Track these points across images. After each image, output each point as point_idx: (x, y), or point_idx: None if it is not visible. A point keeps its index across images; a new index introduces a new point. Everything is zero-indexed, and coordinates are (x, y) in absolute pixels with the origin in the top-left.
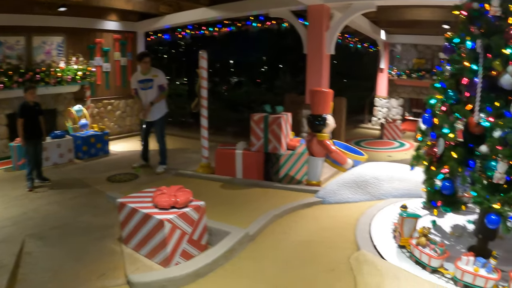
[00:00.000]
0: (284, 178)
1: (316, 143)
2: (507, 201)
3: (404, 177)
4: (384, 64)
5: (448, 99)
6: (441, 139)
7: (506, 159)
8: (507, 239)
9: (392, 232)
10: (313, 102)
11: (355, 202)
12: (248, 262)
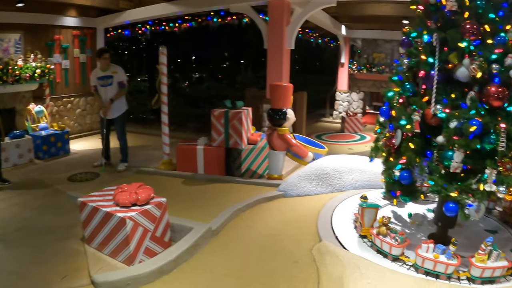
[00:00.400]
0: (246, 172)
1: (276, 137)
2: (464, 190)
3: (364, 168)
4: (344, 59)
5: (405, 91)
6: (399, 131)
7: (462, 148)
8: (466, 226)
9: (353, 222)
10: (273, 97)
11: (316, 195)
12: (212, 257)
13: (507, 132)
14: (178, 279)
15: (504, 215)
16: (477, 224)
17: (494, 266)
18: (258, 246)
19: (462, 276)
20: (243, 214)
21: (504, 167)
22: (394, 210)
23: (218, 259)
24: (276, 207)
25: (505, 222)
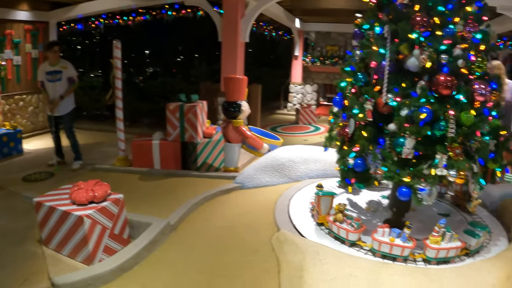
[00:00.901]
0: (202, 166)
1: (231, 129)
2: (417, 175)
3: (319, 158)
4: (298, 52)
5: (358, 81)
6: (352, 120)
7: (413, 135)
8: (420, 211)
9: (310, 211)
10: (228, 89)
11: (273, 185)
12: (171, 252)
13: (456, 119)
14: (139, 276)
15: (456, 199)
16: (430, 209)
17: (448, 247)
18: (217, 239)
19: (418, 258)
20: (201, 207)
21: (454, 152)
22: (350, 198)
23: (178, 254)
24: (234, 199)
25: (457, 206)
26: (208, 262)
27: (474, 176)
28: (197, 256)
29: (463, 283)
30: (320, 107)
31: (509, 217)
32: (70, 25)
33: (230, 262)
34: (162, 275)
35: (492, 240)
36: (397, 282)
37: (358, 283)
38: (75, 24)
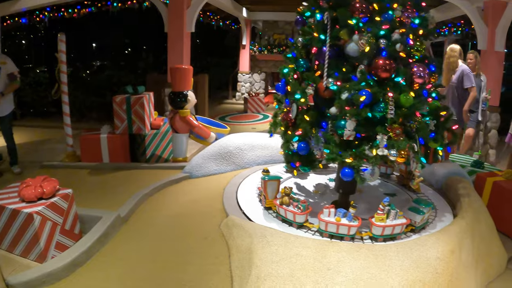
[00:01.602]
0: (151, 158)
1: (178, 119)
2: (359, 155)
3: (265, 145)
4: (246, 41)
5: (299, 67)
6: (294, 105)
7: (354, 117)
8: (367, 192)
9: (258, 196)
10: (174, 80)
11: (221, 173)
12: (124, 244)
13: (395, 101)
14: (92, 270)
15: (401, 179)
16: (377, 189)
17: (393, 224)
18: (168, 228)
19: (365, 236)
20: (151, 198)
21: (394, 132)
22: (298, 182)
23: (130, 246)
24: (183, 189)
25: (402, 185)
26: (159, 251)
27: (415, 155)
28: (149, 246)
29: (408, 257)
30: (268, 96)
31: (453, 194)
32: (14, 19)
33: (181, 250)
34: (116, 267)
35: (437, 217)
36: (344, 259)
37: (305, 262)
38: (19, 18)
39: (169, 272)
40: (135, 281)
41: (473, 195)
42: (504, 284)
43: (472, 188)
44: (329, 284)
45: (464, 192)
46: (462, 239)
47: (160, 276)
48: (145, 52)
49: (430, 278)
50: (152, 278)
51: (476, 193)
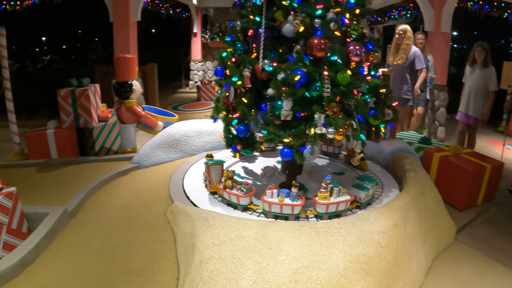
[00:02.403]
0: (100, 151)
1: (124, 110)
2: (297, 135)
3: (212, 130)
4: (197, 29)
5: (237, 50)
6: (232, 88)
7: (290, 97)
8: (315, 172)
9: (204, 181)
10: (118, 69)
11: (169, 162)
12: (72, 239)
13: (332, 79)
14: (42, 268)
15: (349, 158)
16: (325, 169)
17: (337, 201)
18: (115, 219)
19: (310, 214)
20: (99, 191)
21: (331, 110)
22: (246, 166)
23: (79, 240)
24: (131, 179)
25: (350, 164)
26: (108, 243)
27: (354, 132)
28: (98, 239)
29: (351, 232)
30: None
31: (400, 170)
32: None
33: (129, 239)
34: (66, 263)
35: (384, 192)
36: (285, 237)
37: (246, 243)
38: None
39: (117, 264)
40: (84, 275)
41: (419, 170)
42: (453, 255)
43: (419, 164)
44: (270, 263)
45: (410, 167)
46: (407, 213)
47: (108, 268)
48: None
49: (374, 252)
50: (100, 271)
51: (422, 168)
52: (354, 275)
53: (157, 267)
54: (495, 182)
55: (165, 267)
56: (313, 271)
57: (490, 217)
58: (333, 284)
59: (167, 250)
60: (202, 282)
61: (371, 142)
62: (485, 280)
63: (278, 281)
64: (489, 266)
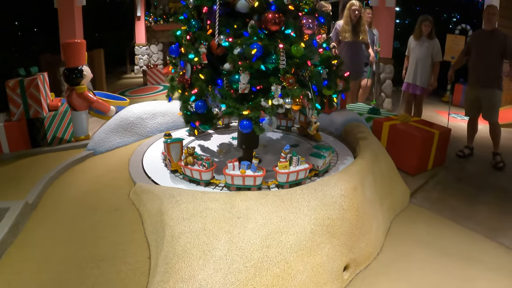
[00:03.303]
0: (53, 141)
1: (76, 96)
2: (255, 107)
3: (166, 111)
4: (140, 12)
5: (191, 27)
6: (188, 65)
7: (247, 70)
8: (271, 146)
9: (163, 161)
10: (67, 56)
11: (125, 145)
12: (36, 231)
13: (286, 52)
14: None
15: (302, 130)
16: (280, 142)
17: (296, 169)
18: (78, 206)
19: (271, 184)
20: (57, 181)
21: (288, 82)
22: (201, 144)
23: (43, 231)
24: (88, 166)
25: (304, 136)
26: (74, 230)
27: (310, 102)
28: (62, 228)
29: (314, 197)
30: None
31: (352, 139)
32: None
33: (95, 225)
34: (32, 256)
35: (339, 160)
36: (252, 206)
37: (215, 214)
38: None
39: (85, 250)
40: (53, 265)
41: (371, 138)
42: (409, 217)
43: (370, 132)
44: (241, 232)
45: (362, 135)
46: (363, 177)
47: (77, 255)
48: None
49: (338, 214)
50: (69, 259)
51: (374, 136)
52: (321, 237)
53: (127, 249)
54: (443, 147)
55: (135, 248)
56: (282, 236)
57: (441, 180)
58: (302, 247)
59: (135, 231)
60: (176, 256)
61: (323, 114)
62: (441, 237)
63: (251, 248)
64: (443, 225)
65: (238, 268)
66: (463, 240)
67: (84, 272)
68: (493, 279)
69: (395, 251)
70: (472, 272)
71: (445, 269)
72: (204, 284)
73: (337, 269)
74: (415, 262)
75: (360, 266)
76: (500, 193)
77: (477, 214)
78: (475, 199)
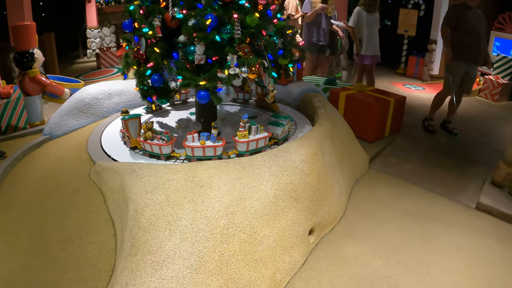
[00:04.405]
0: (7, 129)
1: (28, 81)
2: (212, 78)
3: (122, 90)
4: None
5: (144, 1)
6: (143, 39)
7: (202, 41)
8: (229, 119)
9: (122, 139)
10: (17, 39)
11: (82, 127)
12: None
13: (241, 21)
14: None
15: (259, 102)
16: (238, 115)
17: (256, 138)
18: (38, 191)
19: (232, 154)
20: (14, 169)
21: (243, 51)
22: (160, 120)
23: (4, 220)
24: (45, 151)
25: (262, 107)
26: (35, 215)
27: (266, 71)
28: (24, 216)
29: (275, 163)
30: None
31: (310, 108)
32: None
33: (56, 208)
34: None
35: (298, 129)
36: (214, 174)
37: (178, 185)
38: None
39: (49, 234)
40: (18, 253)
41: (328, 106)
42: (370, 181)
43: (327, 101)
44: (205, 200)
45: (320, 104)
46: (323, 143)
47: (41, 240)
48: None
49: (299, 179)
50: (33, 246)
51: (331, 105)
52: (284, 202)
53: (91, 229)
54: (399, 115)
55: (100, 227)
56: (246, 202)
57: (398, 146)
58: (267, 212)
59: (98, 210)
60: (141, 230)
61: (280, 86)
62: (401, 199)
63: (215, 215)
64: (403, 187)
65: (205, 236)
66: (423, 200)
67: (50, 256)
68: (453, 235)
69: (358, 213)
70: (433, 230)
71: (408, 228)
72: (171, 254)
73: (302, 233)
74: (378, 223)
75: (325, 229)
76: (456, 156)
77: (434, 176)
78: (432, 163)
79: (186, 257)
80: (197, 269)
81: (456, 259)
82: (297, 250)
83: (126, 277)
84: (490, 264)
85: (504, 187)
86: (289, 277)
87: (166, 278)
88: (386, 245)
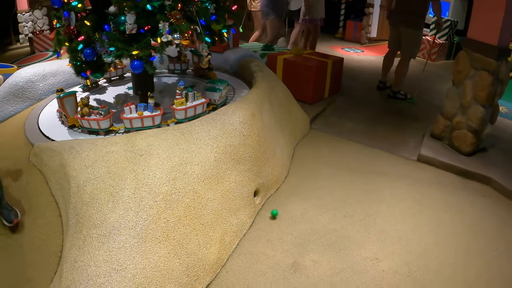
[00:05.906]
0: None
1: None
2: (144, 47)
3: (56, 70)
4: None
5: None
6: (72, 13)
7: (132, 10)
8: (169, 90)
9: (59, 119)
10: None
11: (19, 112)
12: None
13: None
14: None
15: (197, 71)
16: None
17: (193, 105)
18: None
19: (170, 122)
20: None
21: (175, 18)
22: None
23: None
24: None
25: (199, 76)
26: None
27: (199, 36)
28: None
29: (213, 126)
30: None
31: (248, 73)
32: None
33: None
34: None
35: (236, 94)
36: (152, 142)
37: (118, 156)
38: None
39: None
40: None
41: (266, 70)
42: (312, 141)
43: (265, 66)
44: (145, 168)
45: (257, 69)
46: (261, 105)
47: None
48: None
49: (239, 140)
50: None
51: (269, 69)
52: (226, 164)
53: (36, 213)
54: (338, 76)
55: (44, 209)
56: (187, 167)
57: (338, 107)
58: (209, 176)
59: (41, 193)
60: (85, 205)
61: (217, 54)
62: (344, 156)
63: (157, 182)
64: (344, 145)
65: (148, 203)
66: (365, 156)
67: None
68: (396, 187)
69: (302, 172)
70: (377, 183)
71: (351, 183)
72: (117, 226)
73: (247, 194)
74: (322, 180)
75: (270, 190)
76: (396, 114)
77: (376, 133)
78: (373, 121)
79: (132, 226)
80: (143, 238)
81: (400, 208)
82: (243, 211)
83: (74, 254)
84: (433, 211)
85: (443, 139)
86: (238, 239)
87: (113, 250)
88: (331, 200)
